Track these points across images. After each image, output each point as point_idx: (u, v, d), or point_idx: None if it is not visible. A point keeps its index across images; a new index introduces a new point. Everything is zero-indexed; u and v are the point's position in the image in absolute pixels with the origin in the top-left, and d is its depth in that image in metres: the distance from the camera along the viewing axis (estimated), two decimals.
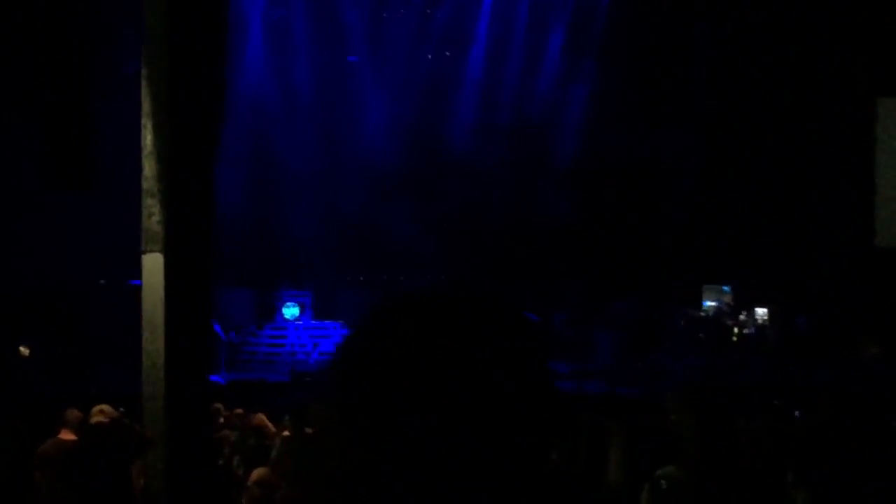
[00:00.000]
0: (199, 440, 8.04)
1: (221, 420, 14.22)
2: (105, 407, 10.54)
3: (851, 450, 6.61)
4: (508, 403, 1.70)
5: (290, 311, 30.42)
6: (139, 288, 8.02)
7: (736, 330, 30.02)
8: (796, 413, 13.47)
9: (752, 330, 30.05)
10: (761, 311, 30.11)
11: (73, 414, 10.54)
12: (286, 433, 12.77)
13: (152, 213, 7.79)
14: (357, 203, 32.05)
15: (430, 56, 33.28)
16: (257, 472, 10.08)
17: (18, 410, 14.67)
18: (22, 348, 25.86)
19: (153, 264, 7.84)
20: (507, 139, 33.26)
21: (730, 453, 5.39)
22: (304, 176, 31.95)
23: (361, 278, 32.30)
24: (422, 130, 32.62)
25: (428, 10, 33.07)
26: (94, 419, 10.50)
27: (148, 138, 7.85)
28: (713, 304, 30.98)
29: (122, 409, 14.95)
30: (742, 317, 30.23)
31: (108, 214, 24.20)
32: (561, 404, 1.83)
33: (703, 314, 30.85)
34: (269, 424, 14.07)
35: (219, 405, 14.18)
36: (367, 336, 1.76)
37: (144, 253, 7.87)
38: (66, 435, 10.37)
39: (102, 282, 27.61)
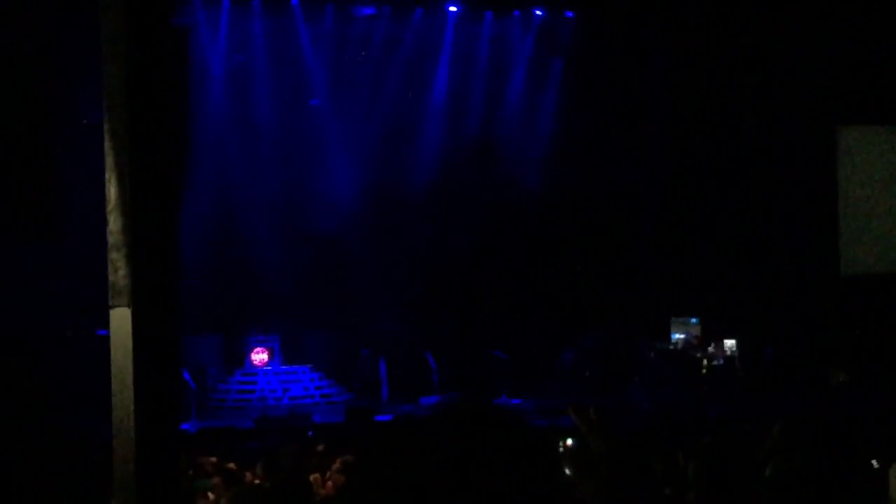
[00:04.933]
0: (171, 492, 7.99)
1: (208, 469, 14.18)
2: None
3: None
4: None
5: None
6: (107, 338, 7.98)
7: (705, 362, 30.08)
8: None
9: (721, 362, 30.13)
10: (729, 343, 30.21)
11: None
12: (257, 481, 12.74)
13: (118, 268, 7.75)
14: (322, 246, 31.99)
15: (391, 97, 33.29)
16: None
17: None
18: None
19: (121, 318, 7.79)
20: (469, 176, 33.26)
21: None
22: (268, 220, 31.86)
23: (329, 322, 32.23)
24: (385, 171, 32.61)
25: (388, 51, 33.13)
26: None
27: (112, 192, 7.81)
28: (681, 336, 31.05)
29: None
30: (710, 349, 30.31)
31: (73, 264, 24.14)
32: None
33: (671, 347, 30.92)
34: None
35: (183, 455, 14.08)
36: (380, 460, 1.82)
37: (112, 307, 7.83)
38: None
39: (69, 333, 27.46)
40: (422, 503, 1.79)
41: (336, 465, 13.87)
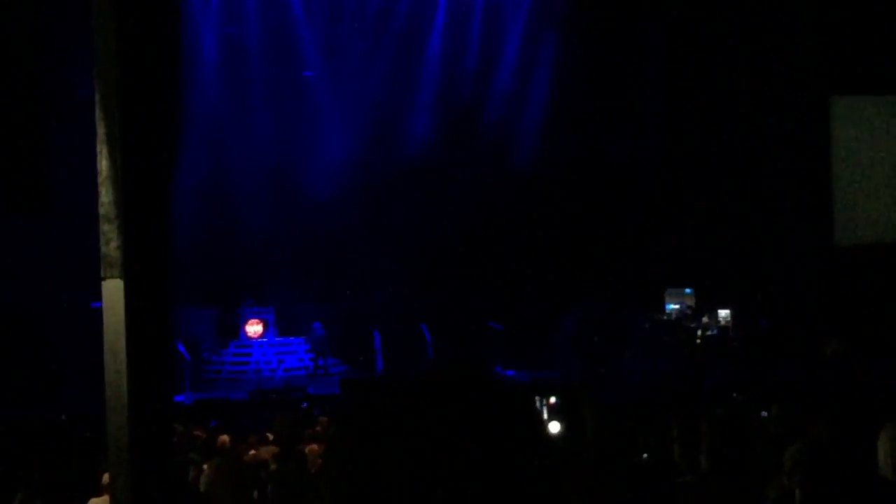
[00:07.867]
0: (163, 463, 7.99)
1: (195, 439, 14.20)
2: None
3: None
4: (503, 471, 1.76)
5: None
6: (101, 310, 7.96)
7: (699, 332, 30.06)
8: (763, 414, 13.48)
9: (715, 332, 30.12)
10: (724, 313, 30.19)
11: None
12: (252, 452, 12.75)
13: (110, 239, 7.72)
14: (315, 217, 31.90)
15: (384, 68, 33.18)
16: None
17: None
18: None
19: (113, 290, 7.77)
20: (463, 146, 33.21)
21: None
22: (262, 192, 31.78)
23: (323, 293, 32.18)
24: (378, 143, 32.55)
25: (382, 22, 33.01)
26: None
27: (103, 163, 7.77)
28: (676, 307, 31.03)
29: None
30: (705, 319, 30.29)
31: (67, 236, 24.07)
32: (553, 467, 1.90)
33: (665, 317, 30.90)
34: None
35: (177, 426, 14.10)
36: (363, 426, 1.80)
37: (104, 279, 7.80)
38: None
39: (64, 304, 27.42)
40: (403, 472, 1.77)
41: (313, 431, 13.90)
